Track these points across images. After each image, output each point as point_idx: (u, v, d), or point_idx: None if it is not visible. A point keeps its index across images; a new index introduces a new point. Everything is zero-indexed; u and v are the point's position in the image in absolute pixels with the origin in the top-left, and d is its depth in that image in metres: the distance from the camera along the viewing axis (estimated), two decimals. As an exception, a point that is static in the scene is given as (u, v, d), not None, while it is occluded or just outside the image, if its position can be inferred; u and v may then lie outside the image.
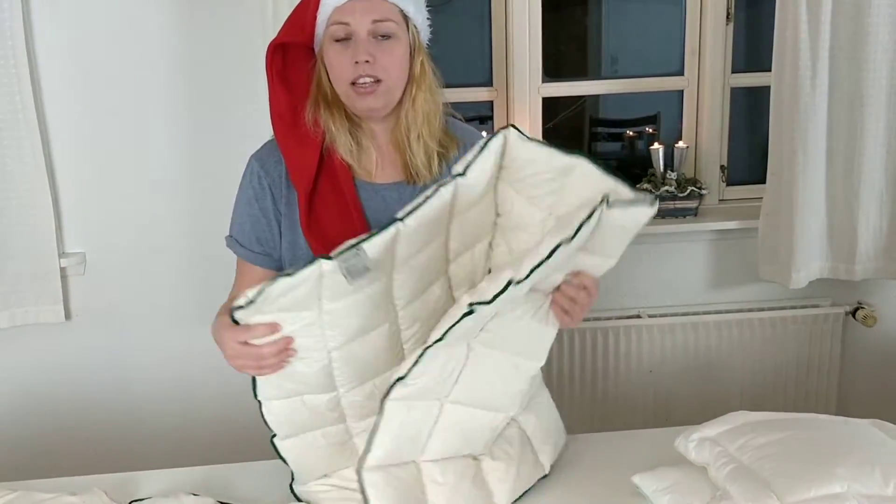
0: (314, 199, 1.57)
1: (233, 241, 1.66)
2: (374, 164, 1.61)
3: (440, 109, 1.63)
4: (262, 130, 2.29)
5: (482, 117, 2.83)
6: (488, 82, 2.75)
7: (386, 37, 1.52)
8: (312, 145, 1.57)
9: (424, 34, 1.61)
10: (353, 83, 1.52)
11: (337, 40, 1.53)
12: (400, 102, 1.59)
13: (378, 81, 1.52)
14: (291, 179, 1.59)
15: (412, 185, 1.61)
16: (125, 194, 2.51)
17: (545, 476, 1.61)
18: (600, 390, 2.76)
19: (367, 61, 1.50)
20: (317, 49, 1.59)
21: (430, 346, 1.33)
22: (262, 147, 1.67)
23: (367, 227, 1.57)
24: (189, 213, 2.54)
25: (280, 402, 1.44)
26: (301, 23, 1.56)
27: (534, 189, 1.43)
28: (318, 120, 1.58)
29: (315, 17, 1.54)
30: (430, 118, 1.60)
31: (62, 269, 2.49)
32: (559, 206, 1.41)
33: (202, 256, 2.53)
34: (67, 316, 2.53)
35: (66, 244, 2.52)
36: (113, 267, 2.55)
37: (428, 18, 1.61)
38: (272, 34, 2.26)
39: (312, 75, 1.59)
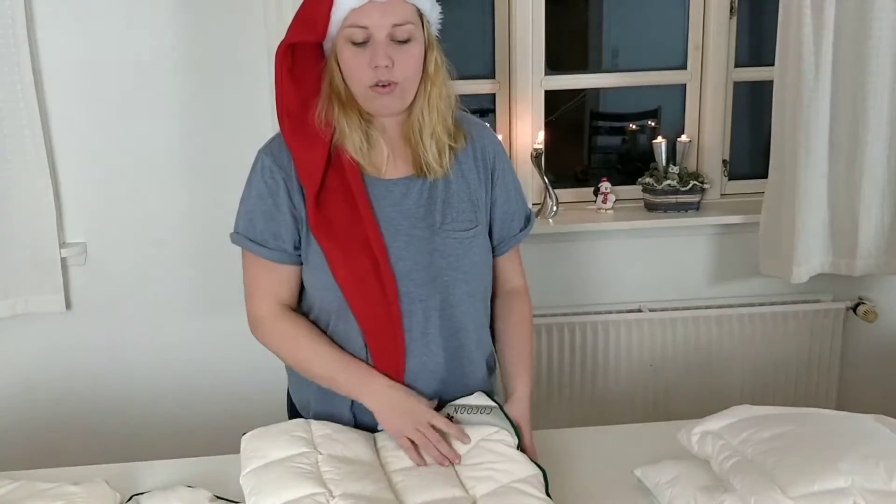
0: (322, 197, 1.55)
1: (241, 237, 1.60)
2: (384, 160, 1.58)
3: (452, 104, 1.61)
4: (262, 124, 2.30)
5: (484, 110, 2.82)
6: (490, 74, 2.74)
7: (404, 41, 1.50)
8: (321, 143, 1.55)
9: (435, 27, 1.59)
10: (371, 85, 1.50)
11: (354, 43, 1.49)
12: (413, 98, 1.57)
13: (395, 83, 1.51)
14: (299, 177, 1.56)
15: (423, 180, 1.60)
16: (126, 185, 2.51)
17: (545, 471, 1.60)
18: (601, 384, 2.75)
19: (386, 66, 1.48)
20: (327, 47, 1.56)
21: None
22: (270, 142, 1.62)
23: (377, 224, 1.55)
24: (190, 205, 2.54)
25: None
26: (313, 21, 1.51)
27: None
28: (329, 119, 1.55)
29: (328, 16, 1.49)
30: (444, 113, 1.59)
31: (63, 259, 2.49)
32: None
33: (203, 248, 2.53)
34: (68, 305, 2.53)
35: (68, 234, 2.51)
36: (114, 257, 2.54)
37: (441, 12, 1.59)
38: (274, 31, 2.26)
39: (323, 73, 1.56)
